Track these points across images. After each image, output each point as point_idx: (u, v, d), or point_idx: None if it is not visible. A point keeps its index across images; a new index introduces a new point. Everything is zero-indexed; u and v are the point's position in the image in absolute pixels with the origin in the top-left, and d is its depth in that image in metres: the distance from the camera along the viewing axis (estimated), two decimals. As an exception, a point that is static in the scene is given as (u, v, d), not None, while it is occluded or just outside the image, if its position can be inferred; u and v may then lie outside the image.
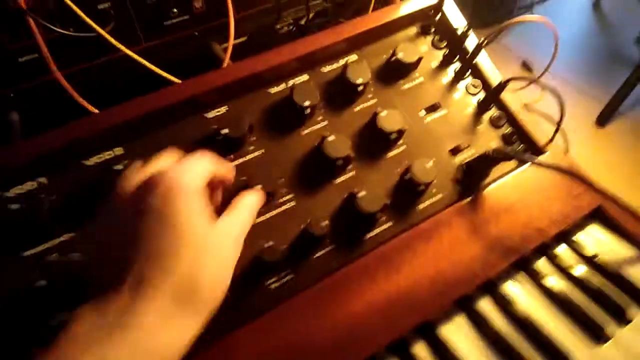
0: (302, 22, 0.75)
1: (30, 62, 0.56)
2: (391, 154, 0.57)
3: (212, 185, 0.42)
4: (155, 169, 0.38)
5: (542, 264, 0.55)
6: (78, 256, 0.46)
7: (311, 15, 0.82)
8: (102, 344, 0.30)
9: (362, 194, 0.52)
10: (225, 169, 0.45)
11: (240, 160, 0.53)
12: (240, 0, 0.66)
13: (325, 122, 0.57)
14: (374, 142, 0.57)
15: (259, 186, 0.52)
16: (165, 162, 0.41)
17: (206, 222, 0.37)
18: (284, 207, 0.53)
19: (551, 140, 0.61)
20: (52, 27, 0.51)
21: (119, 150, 0.52)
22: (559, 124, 0.56)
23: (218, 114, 0.55)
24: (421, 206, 0.56)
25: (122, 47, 0.54)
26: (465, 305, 0.51)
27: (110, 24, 0.55)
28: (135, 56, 0.55)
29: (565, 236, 0.57)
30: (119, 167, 0.49)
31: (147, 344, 0.31)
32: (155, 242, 0.34)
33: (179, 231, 0.34)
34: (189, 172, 0.37)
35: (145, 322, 0.32)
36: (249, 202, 0.45)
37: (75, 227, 0.48)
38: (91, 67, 0.60)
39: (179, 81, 0.59)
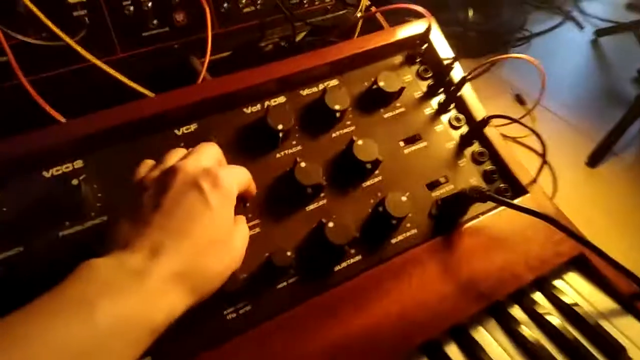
0: (290, 41, 0.73)
1: (-3, 66, 0.55)
2: (366, 184, 0.55)
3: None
4: (204, 163, 0.42)
5: (515, 311, 0.52)
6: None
7: (303, 34, 0.81)
8: (118, 293, 0.32)
9: (331, 224, 0.49)
10: (254, 187, 0.48)
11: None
12: (224, 16, 0.65)
13: (299, 147, 0.55)
14: (348, 171, 0.55)
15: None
16: (213, 154, 0.44)
17: (232, 222, 0.41)
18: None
19: (534, 180, 0.59)
20: (17, 35, 0.49)
21: (78, 163, 0.49)
22: (541, 165, 0.54)
23: (187, 131, 0.53)
24: (393, 241, 0.53)
25: (91, 57, 0.52)
26: (430, 351, 0.49)
27: (81, 33, 0.54)
28: (105, 67, 0.53)
29: (542, 283, 0.54)
30: (75, 181, 0.46)
31: (147, 304, 0.33)
32: (189, 221, 0.37)
33: (211, 220, 0.38)
34: (236, 177, 0.43)
35: (150, 285, 0.33)
36: (245, 223, 0.46)
37: (24, 240, 0.45)
38: (62, 74, 0.58)
39: (151, 94, 0.57)
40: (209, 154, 0.44)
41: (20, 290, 0.43)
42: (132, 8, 0.58)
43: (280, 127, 0.53)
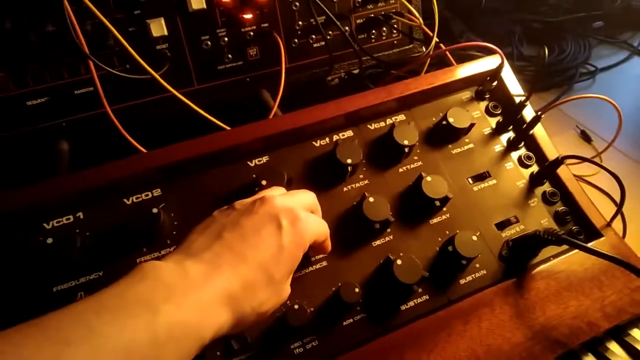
0: (356, 75, 0.74)
1: (84, 95, 0.58)
2: (433, 221, 0.55)
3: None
4: (295, 203, 0.42)
5: (590, 360, 0.50)
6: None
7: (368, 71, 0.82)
8: (180, 299, 0.33)
9: (399, 262, 0.49)
10: (329, 245, 0.48)
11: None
12: (294, 50, 0.66)
13: (367, 181, 0.55)
14: (416, 207, 0.54)
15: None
16: (305, 200, 0.46)
17: (294, 267, 0.41)
18: (315, 267, 0.51)
19: (609, 224, 0.56)
20: (108, 69, 0.52)
21: (157, 192, 0.51)
22: (617, 211, 0.52)
23: (260, 162, 0.54)
24: (462, 281, 0.52)
25: (173, 90, 0.54)
26: (501, 398, 0.47)
27: (165, 67, 0.56)
28: (186, 100, 0.55)
29: (618, 332, 0.52)
30: (155, 210, 0.48)
31: (201, 317, 0.33)
32: (257, 250, 0.38)
33: (277, 257, 0.38)
34: (315, 227, 0.43)
35: (206, 297, 0.34)
36: None
37: (104, 264, 0.47)
38: (143, 104, 0.61)
39: (226, 127, 0.59)
40: (303, 198, 0.45)
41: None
42: (209, 42, 0.61)
43: (349, 161, 0.53)
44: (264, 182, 0.50)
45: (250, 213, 0.40)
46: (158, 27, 0.57)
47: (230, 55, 0.63)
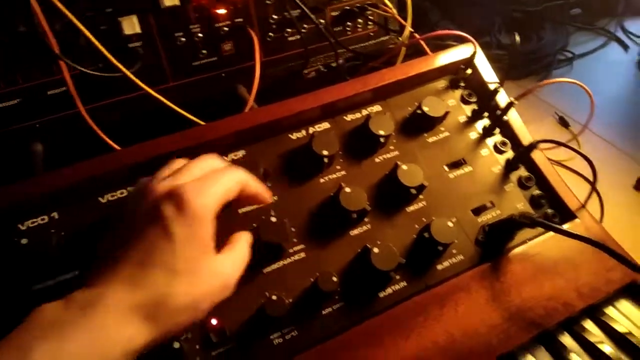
0: (332, 67, 0.75)
1: (57, 95, 0.58)
2: (410, 209, 0.55)
3: (238, 202, 0.41)
4: (181, 180, 0.38)
5: (566, 339, 0.51)
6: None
7: (340, 60, 0.82)
8: (59, 333, 0.31)
9: (376, 250, 0.49)
10: (256, 189, 0.43)
11: (253, 207, 0.52)
12: (269, 45, 0.67)
13: (344, 172, 0.56)
14: (392, 195, 0.55)
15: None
16: (194, 171, 0.40)
17: (202, 251, 0.37)
18: (293, 258, 0.51)
19: (583, 205, 0.57)
20: (80, 68, 0.51)
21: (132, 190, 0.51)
22: (591, 189, 0.53)
23: (235, 157, 0.54)
24: (439, 267, 0.53)
25: (147, 88, 0.54)
26: (479, 380, 0.48)
27: (138, 65, 0.56)
28: (159, 97, 0.56)
29: (593, 311, 0.53)
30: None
31: (98, 339, 0.31)
32: (148, 252, 0.35)
33: (172, 251, 0.35)
34: (206, 194, 0.37)
35: (99, 318, 0.32)
36: (246, 242, 0.43)
37: (80, 264, 0.47)
38: (117, 103, 0.61)
39: (201, 122, 0.59)
40: (200, 165, 0.41)
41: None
42: (183, 39, 0.61)
43: (325, 152, 0.53)
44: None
45: (130, 218, 0.37)
46: (130, 25, 0.57)
47: (204, 51, 0.63)
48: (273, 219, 0.51)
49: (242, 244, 0.42)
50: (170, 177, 0.39)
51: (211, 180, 0.39)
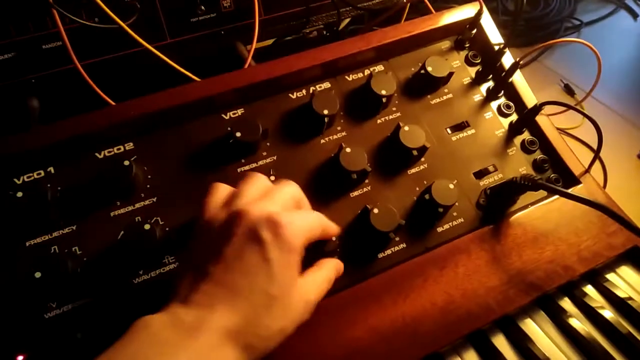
0: (334, 28, 0.73)
1: (53, 50, 0.56)
2: (411, 171, 0.54)
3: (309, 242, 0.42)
4: (273, 207, 0.39)
5: (565, 303, 0.51)
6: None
7: (347, 20, 0.81)
8: (172, 353, 0.32)
9: (376, 210, 0.49)
10: (332, 230, 0.46)
11: (252, 166, 0.51)
12: (269, 2, 0.65)
13: (344, 133, 0.55)
14: (394, 157, 0.54)
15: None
16: (286, 198, 0.42)
17: (295, 277, 0.39)
18: (293, 218, 0.50)
19: (587, 170, 0.57)
20: (74, 18, 0.50)
21: (129, 145, 0.50)
22: (596, 154, 0.52)
23: (234, 115, 0.53)
24: (439, 229, 0.52)
25: (142, 41, 0.53)
26: (477, 341, 0.48)
27: (133, 17, 0.55)
28: (155, 51, 0.54)
29: (594, 275, 0.52)
30: (126, 162, 0.47)
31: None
32: (246, 276, 0.36)
33: (269, 276, 0.36)
34: (304, 225, 0.40)
35: (203, 341, 0.33)
36: (332, 269, 0.45)
37: (77, 219, 0.47)
38: (113, 58, 0.59)
39: (198, 79, 0.57)
40: (284, 195, 0.42)
41: (73, 267, 0.45)
42: (181, -7, 0.59)
43: (325, 112, 0.52)
44: (238, 134, 0.50)
45: (229, 237, 0.37)
46: (126, -23, 0.55)
47: (203, 7, 0.61)
48: (272, 179, 0.50)
49: (327, 268, 0.44)
50: (260, 201, 0.40)
51: (304, 214, 0.42)
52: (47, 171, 0.48)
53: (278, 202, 0.40)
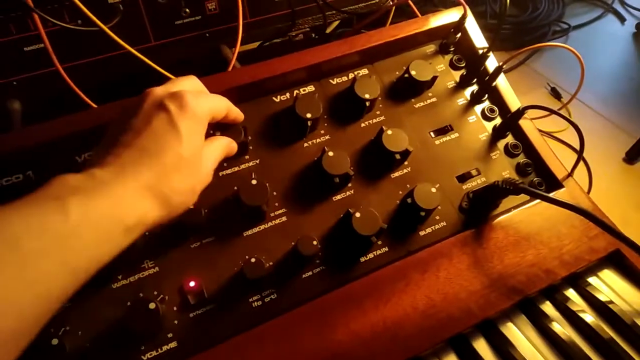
0: (320, 30, 0.73)
1: (34, 52, 0.56)
2: (394, 175, 0.54)
3: (215, 121, 0.46)
4: (179, 87, 0.43)
5: (547, 307, 0.51)
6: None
7: (335, 24, 0.81)
8: (87, 194, 0.33)
9: (358, 214, 0.49)
10: (237, 114, 0.49)
11: (234, 169, 0.51)
12: (255, 5, 0.64)
13: (328, 136, 0.55)
14: (377, 161, 0.54)
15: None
16: (190, 85, 0.45)
17: (201, 143, 0.41)
18: (274, 222, 0.50)
19: (570, 174, 0.57)
20: (55, 22, 0.50)
21: (110, 149, 0.50)
22: (578, 157, 0.52)
23: (217, 118, 0.53)
24: (421, 233, 0.52)
25: (124, 44, 0.52)
26: (458, 345, 0.48)
27: (115, 19, 0.54)
28: (138, 54, 0.54)
29: (575, 279, 0.53)
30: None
31: (118, 206, 0.34)
32: (156, 140, 0.38)
33: (178, 140, 0.39)
34: (202, 101, 0.42)
35: (119, 192, 0.34)
36: (225, 140, 0.48)
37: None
38: (97, 61, 0.59)
39: (182, 82, 0.57)
40: (186, 83, 0.45)
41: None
42: (165, -4, 0.59)
43: (308, 115, 0.52)
44: (217, 134, 0.49)
45: (137, 112, 0.40)
46: (109, -21, 0.55)
47: (187, 10, 0.61)
48: (254, 182, 0.50)
49: (221, 139, 0.47)
50: (162, 86, 0.43)
51: (206, 95, 0.45)
52: (26, 175, 0.48)
53: (181, 86, 0.43)
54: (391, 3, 0.68)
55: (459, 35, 0.61)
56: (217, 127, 0.49)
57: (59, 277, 0.31)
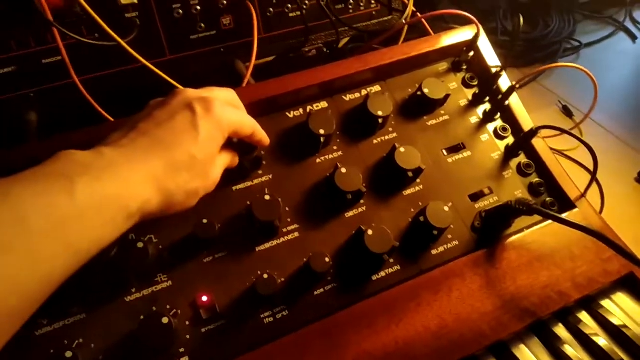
0: (333, 46, 0.73)
1: (52, 65, 0.56)
2: (406, 192, 0.54)
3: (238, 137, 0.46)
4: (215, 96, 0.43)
5: (560, 330, 0.50)
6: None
7: (346, 40, 0.81)
8: (95, 173, 0.33)
9: (370, 232, 0.49)
10: (263, 137, 0.49)
11: (247, 184, 0.51)
12: (269, 20, 0.65)
13: (340, 153, 0.55)
14: (389, 178, 0.54)
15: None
16: (225, 95, 0.46)
17: (216, 151, 0.42)
18: (287, 238, 0.50)
19: (583, 195, 0.56)
20: (74, 36, 0.50)
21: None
22: (591, 180, 0.52)
23: (231, 134, 0.53)
24: (433, 252, 0.52)
25: (139, 58, 0.53)
26: (470, 367, 0.47)
27: (132, 34, 0.55)
28: (153, 68, 0.54)
29: (588, 302, 0.52)
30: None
31: (123, 189, 0.34)
32: (174, 134, 0.38)
33: (195, 141, 0.39)
34: (233, 115, 0.43)
35: (124, 174, 0.34)
36: (230, 154, 0.47)
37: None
38: (113, 74, 0.60)
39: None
40: (221, 93, 0.45)
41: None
42: (181, 11, 0.59)
43: (322, 131, 0.53)
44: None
45: (164, 105, 0.40)
46: (127, -5, 0.55)
47: (203, 25, 0.61)
48: (267, 197, 0.50)
49: (225, 156, 0.46)
50: (197, 89, 0.44)
51: (235, 108, 0.45)
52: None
53: (213, 95, 0.43)
54: (404, 22, 0.68)
55: (471, 53, 0.61)
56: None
57: (63, 258, 0.31)
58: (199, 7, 0.60)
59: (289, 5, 0.65)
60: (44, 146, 0.48)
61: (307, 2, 0.66)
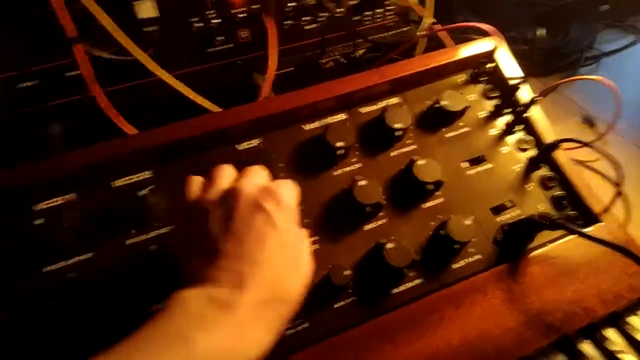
0: (350, 57, 0.73)
1: (75, 78, 0.57)
2: (426, 205, 0.53)
3: None
4: (260, 180, 0.42)
5: (585, 347, 0.49)
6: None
7: (362, 50, 0.81)
8: (212, 328, 0.32)
9: (390, 245, 0.48)
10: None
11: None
12: (285, 32, 0.65)
13: (359, 165, 0.54)
14: (408, 191, 0.53)
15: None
16: (263, 175, 0.44)
17: (300, 235, 0.41)
18: (305, 251, 0.50)
19: (607, 209, 0.55)
20: (93, 53, 0.51)
21: (146, 174, 0.51)
22: (616, 194, 0.51)
23: (249, 146, 0.54)
24: (455, 266, 0.51)
25: (159, 71, 0.53)
26: (493, 384, 0.46)
27: (150, 49, 0.55)
28: (172, 81, 0.55)
29: (614, 318, 0.51)
30: (144, 192, 0.48)
31: (240, 338, 0.33)
32: (261, 246, 0.37)
33: (281, 240, 0.38)
34: (290, 190, 0.42)
35: (240, 316, 0.34)
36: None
37: (94, 246, 0.47)
38: (133, 87, 0.60)
39: (216, 108, 0.58)
40: (260, 174, 0.44)
41: (89, 294, 0.45)
42: (199, 24, 0.60)
43: (339, 144, 0.52)
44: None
45: (232, 214, 0.38)
46: (146, 9, 0.56)
47: (220, 38, 0.62)
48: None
49: (304, 233, 0.44)
50: (244, 179, 0.42)
51: (289, 183, 0.43)
52: (65, 198, 0.48)
53: (261, 178, 0.43)
54: (419, 35, 0.68)
55: (491, 65, 0.61)
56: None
57: None
58: (216, 20, 0.61)
59: (305, 18, 0.65)
60: (69, 158, 0.49)
61: (322, 14, 0.66)
